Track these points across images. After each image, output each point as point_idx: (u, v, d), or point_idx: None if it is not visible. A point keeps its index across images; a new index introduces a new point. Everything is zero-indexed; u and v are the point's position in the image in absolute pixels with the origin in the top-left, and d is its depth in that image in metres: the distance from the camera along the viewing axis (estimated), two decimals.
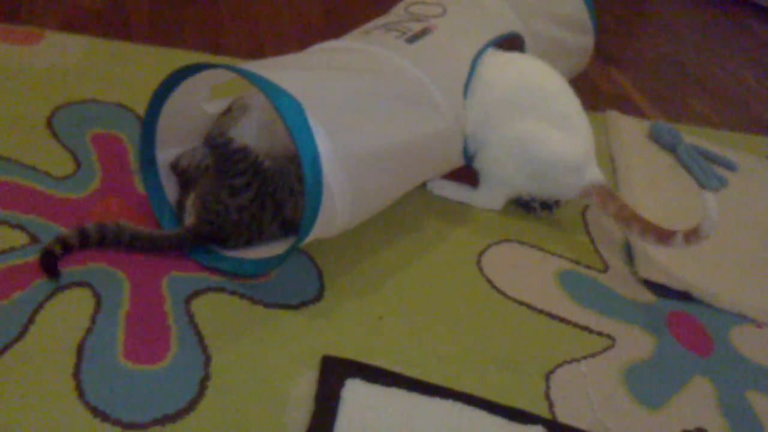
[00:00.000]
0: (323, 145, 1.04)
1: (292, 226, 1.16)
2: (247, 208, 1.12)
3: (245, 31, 1.73)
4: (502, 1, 1.50)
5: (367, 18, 1.48)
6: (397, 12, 1.47)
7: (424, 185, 1.42)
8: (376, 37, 1.33)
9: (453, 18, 1.41)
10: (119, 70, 1.46)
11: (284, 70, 1.12)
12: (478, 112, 1.34)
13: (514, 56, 1.42)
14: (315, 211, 1.03)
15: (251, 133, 1.19)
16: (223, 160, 1.13)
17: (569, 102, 1.37)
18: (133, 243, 1.10)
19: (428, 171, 1.32)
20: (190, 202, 1.14)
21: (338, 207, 1.08)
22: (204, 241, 1.14)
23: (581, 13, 1.69)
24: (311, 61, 1.22)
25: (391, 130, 1.18)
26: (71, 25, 1.56)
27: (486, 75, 1.36)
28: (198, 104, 1.18)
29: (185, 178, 1.17)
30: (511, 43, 1.50)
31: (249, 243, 1.15)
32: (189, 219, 1.13)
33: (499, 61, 1.40)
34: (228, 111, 1.18)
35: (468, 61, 1.35)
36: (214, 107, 1.20)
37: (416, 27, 1.36)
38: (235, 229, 1.13)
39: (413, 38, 1.32)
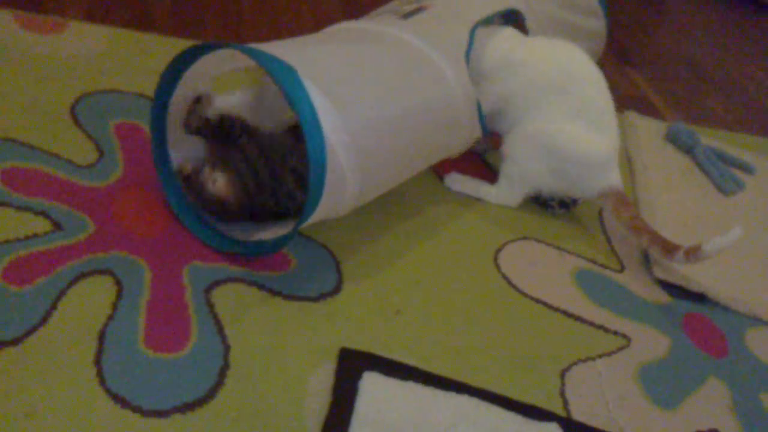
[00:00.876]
0: (326, 113, 1.03)
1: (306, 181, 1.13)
2: (264, 170, 1.14)
3: (265, 24, 1.74)
4: None
5: None
6: (392, 3, 1.48)
7: (441, 181, 1.42)
8: (372, 18, 1.35)
9: None
10: (141, 61, 1.47)
11: (281, 46, 1.12)
12: (503, 90, 1.34)
13: (552, 41, 1.41)
14: (321, 180, 1.02)
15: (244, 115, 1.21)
16: (216, 137, 1.15)
17: (603, 98, 1.36)
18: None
19: (439, 139, 1.30)
20: (207, 171, 1.14)
21: (347, 176, 1.07)
22: (242, 210, 1.15)
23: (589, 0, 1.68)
24: (311, 40, 1.23)
25: (395, 95, 1.17)
26: (94, 15, 1.57)
27: (518, 55, 1.36)
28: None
29: (190, 183, 1.16)
30: (508, 19, 1.49)
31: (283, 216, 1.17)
32: (220, 179, 1.13)
33: (534, 43, 1.39)
34: (198, 97, 1.17)
35: (466, 32, 1.33)
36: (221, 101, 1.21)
37: (409, 8, 1.37)
38: (266, 195, 1.15)
39: (408, 15, 1.33)
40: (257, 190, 1.14)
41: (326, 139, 1.02)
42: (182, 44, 1.55)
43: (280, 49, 1.09)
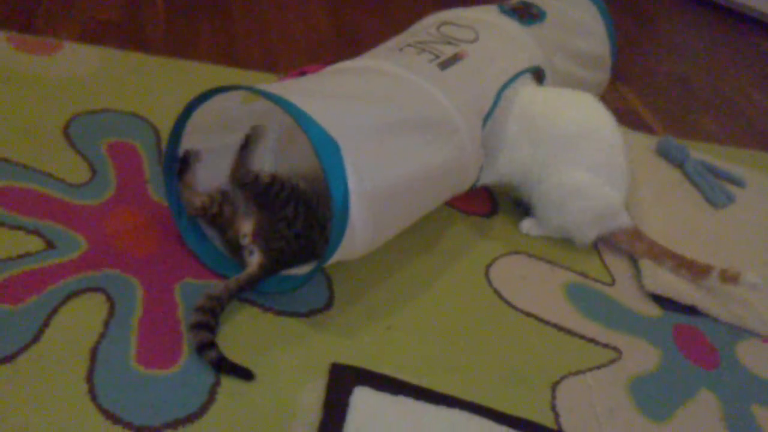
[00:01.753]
0: (350, 181, 1.05)
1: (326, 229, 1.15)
2: (303, 235, 1.14)
3: (258, 44, 1.76)
4: (527, 34, 1.51)
5: (376, 31, 1.50)
6: (429, 31, 1.45)
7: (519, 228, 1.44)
8: (408, 57, 1.33)
9: (484, 46, 1.42)
10: (135, 81, 1.49)
11: (313, 98, 1.12)
12: (527, 147, 1.37)
13: (569, 94, 1.44)
14: (338, 242, 1.05)
15: (269, 157, 1.21)
16: (261, 196, 1.13)
17: (619, 149, 1.38)
18: (222, 303, 1.08)
19: (441, 197, 1.33)
20: (247, 240, 1.13)
21: (359, 237, 1.09)
22: (272, 273, 1.15)
23: (603, 50, 1.70)
24: (340, 84, 1.23)
25: (414, 161, 1.18)
26: (88, 36, 1.59)
27: (540, 110, 1.38)
28: (225, 106, 1.20)
29: (209, 215, 1.16)
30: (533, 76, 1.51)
31: (305, 263, 1.17)
32: (255, 258, 1.13)
33: (554, 97, 1.42)
34: (246, 144, 1.17)
35: (494, 93, 1.36)
36: (228, 139, 1.21)
37: (449, 51, 1.36)
38: (296, 256, 1.15)
39: (445, 65, 1.33)
40: (294, 258, 1.15)
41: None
42: (175, 64, 1.57)
43: (314, 101, 1.10)
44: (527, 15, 1.56)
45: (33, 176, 1.21)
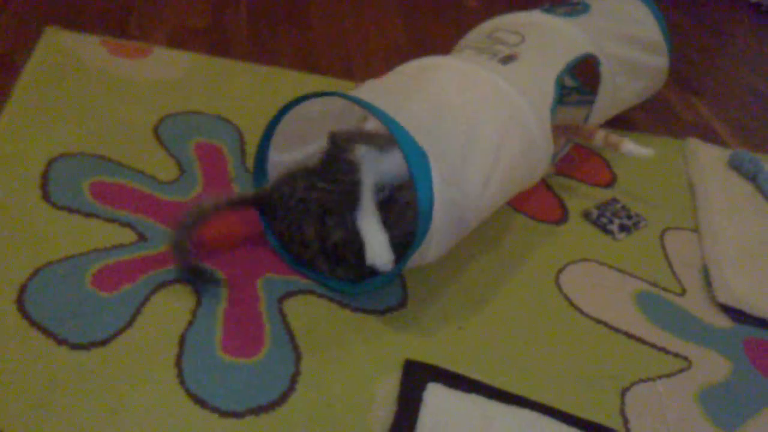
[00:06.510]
0: (436, 189, 1.09)
1: (334, 253, 1.17)
2: (302, 200, 1.16)
3: (336, 51, 1.81)
4: (573, 26, 1.54)
5: (446, 38, 1.53)
6: (480, 39, 1.51)
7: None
8: (470, 56, 1.39)
9: (532, 44, 1.45)
10: (220, 85, 1.55)
11: (401, 107, 1.16)
12: None
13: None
14: (416, 248, 1.09)
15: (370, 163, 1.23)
16: (329, 159, 1.17)
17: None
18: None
19: (515, 192, 1.35)
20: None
21: (434, 245, 1.13)
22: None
23: (655, 35, 1.70)
24: (422, 86, 1.26)
25: (496, 161, 1.21)
26: (176, 41, 1.66)
27: None
28: (308, 114, 1.25)
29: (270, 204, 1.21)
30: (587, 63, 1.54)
31: (292, 240, 1.19)
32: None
33: None
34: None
35: (552, 83, 1.39)
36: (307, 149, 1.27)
37: (504, 50, 1.41)
38: (288, 212, 1.18)
39: (505, 61, 1.37)
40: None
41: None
42: (258, 70, 1.63)
43: (403, 110, 1.14)
44: (570, 9, 1.59)
45: (126, 173, 1.28)
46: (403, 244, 1.13)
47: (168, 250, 1.15)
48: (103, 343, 1.01)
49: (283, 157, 1.26)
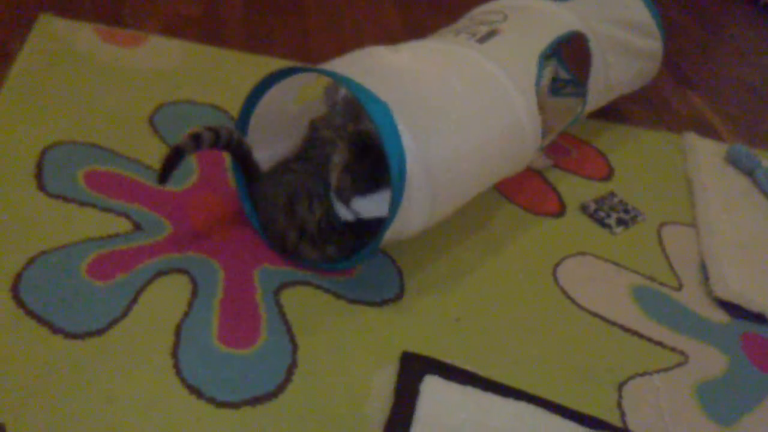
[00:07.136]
0: (408, 147, 1.08)
1: (320, 235, 1.16)
2: (275, 193, 1.18)
3: (330, 41, 1.80)
4: (560, 7, 1.53)
5: (441, 27, 1.53)
6: (462, 22, 1.52)
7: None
8: (447, 38, 1.38)
9: (515, 22, 1.45)
10: (214, 74, 1.54)
11: (371, 74, 1.16)
12: None
13: None
14: (396, 208, 1.07)
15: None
16: (304, 144, 1.20)
17: None
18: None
19: (502, 169, 1.34)
20: None
21: (415, 208, 1.12)
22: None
23: (645, 19, 1.69)
24: (393, 59, 1.26)
25: (470, 130, 1.20)
26: (170, 30, 1.64)
27: None
28: (284, 107, 1.25)
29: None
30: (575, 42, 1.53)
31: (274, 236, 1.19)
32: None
33: None
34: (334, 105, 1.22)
35: (535, 59, 1.37)
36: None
37: (483, 29, 1.40)
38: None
39: (483, 39, 1.36)
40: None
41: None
42: (252, 59, 1.62)
43: (371, 77, 1.14)
44: None
45: (121, 162, 1.27)
46: (382, 221, 1.11)
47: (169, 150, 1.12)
48: (99, 332, 1.00)
49: (259, 155, 1.24)
